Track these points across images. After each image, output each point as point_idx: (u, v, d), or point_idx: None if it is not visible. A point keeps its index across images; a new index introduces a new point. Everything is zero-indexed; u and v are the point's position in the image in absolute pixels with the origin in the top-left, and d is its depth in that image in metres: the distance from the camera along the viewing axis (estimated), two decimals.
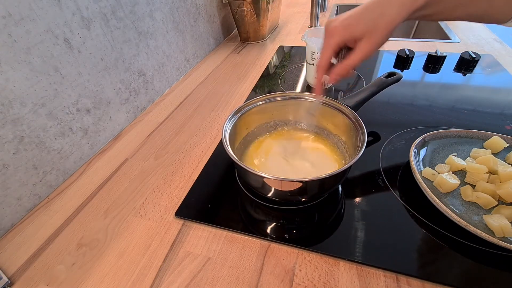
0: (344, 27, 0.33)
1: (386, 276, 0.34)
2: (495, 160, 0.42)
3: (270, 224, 0.41)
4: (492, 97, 0.64)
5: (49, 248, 0.40)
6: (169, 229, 0.41)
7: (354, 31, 0.33)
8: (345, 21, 0.33)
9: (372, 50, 0.33)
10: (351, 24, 0.33)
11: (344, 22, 0.33)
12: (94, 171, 0.52)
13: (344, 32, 0.34)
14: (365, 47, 0.33)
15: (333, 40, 0.34)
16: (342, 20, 0.34)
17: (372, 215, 0.40)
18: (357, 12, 0.33)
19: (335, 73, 0.36)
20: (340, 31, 0.34)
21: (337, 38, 0.34)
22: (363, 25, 0.33)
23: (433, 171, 0.43)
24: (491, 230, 0.35)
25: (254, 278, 0.35)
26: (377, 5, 0.32)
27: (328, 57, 0.36)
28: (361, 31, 0.33)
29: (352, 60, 0.34)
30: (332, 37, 0.34)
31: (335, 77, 0.36)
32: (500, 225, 0.34)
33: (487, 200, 0.38)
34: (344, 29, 0.34)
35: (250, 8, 0.92)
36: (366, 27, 0.32)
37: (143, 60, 0.66)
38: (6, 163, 0.41)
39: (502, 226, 0.34)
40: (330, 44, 0.35)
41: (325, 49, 0.36)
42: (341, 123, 0.46)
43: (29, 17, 0.41)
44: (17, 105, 0.41)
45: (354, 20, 0.33)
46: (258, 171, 0.35)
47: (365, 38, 0.33)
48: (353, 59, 0.34)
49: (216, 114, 0.65)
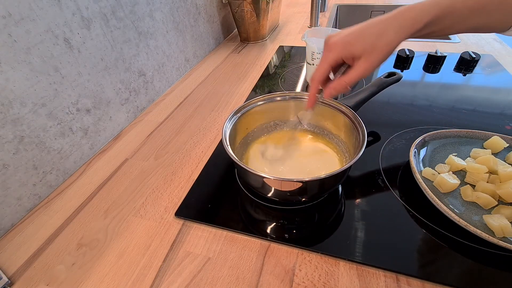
0: (343, 44, 0.34)
1: (386, 276, 0.34)
2: (495, 160, 0.42)
3: (270, 224, 0.41)
4: (492, 97, 0.64)
5: (49, 248, 0.40)
6: (169, 229, 0.41)
7: (353, 49, 0.34)
8: (345, 38, 0.34)
9: (369, 69, 0.34)
10: (350, 42, 0.34)
11: (344, 39, 0.34)
12: (94, 171, 0.52)
13: (342, 49, 0.34)
14: (362, 66, 0.34)
15: (331, 55, 0.35)
16: (342, 37, 0.34)
17: (372, 215, 0.40)
18: (357, 30, 0.34)
19: (331, 87, 0.37)
20: (339, 48, 0.34)
21: (336, 54, 0.35)
22: (361, 44, 0.33)
23: (433, 171, 0.43)
24: (491, 230, 0.35)
25: (254, 278, 0.35)
26: (377, 26, 0.33)
27: (324, 70, 0.36)
28: (360, 50, 0.33)
29: (349, 77, 0.35)
30: (330, 52, 0.35)
31: (330, 91, 0.37)
32: (500, 225, 0.34)
33: (487, 200, 0.38)
34: (343, 46, 0.34)
35: (250, 8, 0.92)
36: (365, 47, 0.33)
37: (143, 60, 0.66)
38: (6, 163, 0.41)
39: (502, 226, 0.34)
40: (328, 59, 0.35)
41: (322, 63, 0.36)
42: (341, 123, 0.46)
43: (29, 17, 0.41)
44: (17, 105, 0.41)
45: (354, 38, 0.33)
46: (258, 171, 0.35)
47: (363, 57, 0.33)
48: (350, 76, 0.35)
49: (216, 114, 0.65)
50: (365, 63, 0.33)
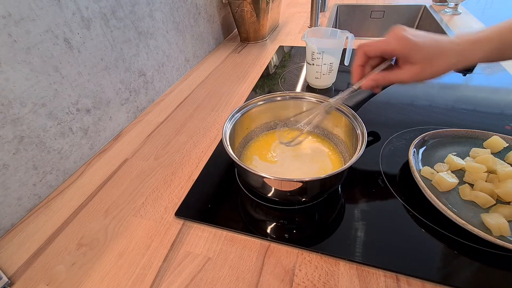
0: (410, 43, 0.33)
1: (386, 276, 0.34)
2: (494, 159, 0.42)
3: (270, 224, 0.41)
4: (492, 97, 0.64)
5: (49, 248, 0.40)
6: (169, 229, 0.41)
7: (415, 53, 0.33)
8: (415, 39, 0.33)
9: (417, 78, 0.33)
10: (418, 45, 0.33)
11: (414, 39, 0.33)
12: (94, 171, 0.52)
13: (406, 46, 0.33)
14: (414, 72, 0.33)
15: (393, 43, 0.34)
16: (414, 36, 0.33)
17: (372, 215, 0.40)
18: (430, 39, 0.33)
19: (373, 79, 0.36)
20: (405, 43, 0.33)
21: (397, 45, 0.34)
22: (426, 52, 0.32)
23: (432, 170, 0.43)
24: (488, 229, 0.35)
25: (254, 278, 0.35)
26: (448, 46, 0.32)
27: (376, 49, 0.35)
28: (420, 57, 0.33)
29: (396, 75, 0.34)
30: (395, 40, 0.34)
31: (370, 83, 0.37)
32: (497, 224, 0.34)
33: (485, 199, 0.38)
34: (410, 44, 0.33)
35: (250, 8, 0.92)
36: (427, 57, 0.32)
37: (143, 60, 0.66)
38: (6, 163, 0.41)
39: (500, 225, 0.34)
40: (386, 43, 0.34)
41: (380, 42, 0.35)
42: (341, 123, 0.46)
43: (29, 17, 0.41)
44: (17, 105, 0.41)
45: (422, 43, 0.33)
46: (258, 171, 0.35)
47: (419, 64, 0.33)
48: (397, 75, 0.34)
49: (216, 114, 0.65)
50: (418, 70, 0.33)
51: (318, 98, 0.48)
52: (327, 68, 0.66)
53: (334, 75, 0.70)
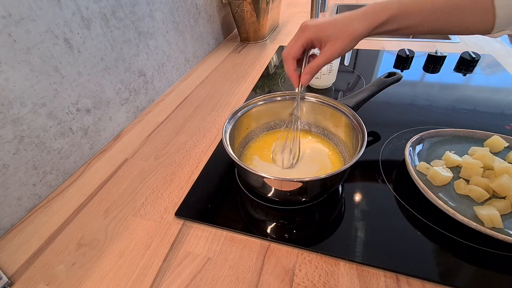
0: (315, 28, 0.38)
1: (386, 276, 0.34)
2: (491, 156, 0.42)
3: (270, 224, 0.41)
4: (492, 97, 0.64)
5: (49, 248, 0.40)
6: (169, 229, 0.41)
7: (322, 34, 0.37)
8: (318, 23, 0.38)
9: (334, 55, 0.37)
10: (322, 27, 0.37)
11: (317, 24, 0.38)
12: (94, 171, 0.52)
13: (314, 32, 0.38)
14: (328, 51, 0.37)
15: (303, 35, 0.38)
16: (316, 22, 0.38)
17: (372, 215, 0.40)
18: (330, 19, 0.38)
19: (304, 73, 0.40)
20: (312, 30, 0.38)
21: (307, 34, 0.38)
22: (330, 30, 0.37)
23: (428, 165, 0.44)
24: (481, 221, 0.35)
25: (254, 278, 0.35)
26: (346, 17, 0.37)
27: (297, 48, 0.39)
28: (328, 35, 0.37)
29: (317, 61, 0.39)
30: (303, 32, 0.38)
31: (304, 77, 0.40)
32: (489, 215, 0.35)
33: (479, 193, 0.38)
34: (315, 29, 0.38)
35: (250, 8, 0.92)
36: (332, 33, 0.37)
37: (143, 60, 0.66)
38: (6, 163, 0.41)
39: (491, 216, 0.34)
40: (300, 38, 0.39)
41: (294, 41, 0.39)
42: (341, 123, 0.46)
43: (29, 17, 0.41)
44: (17, 105, 0.41)
45: (325, 25, 0.37)
46: (258, 171, 0.35)
47: (329, 43, 0.37)
48: (318, 60, 0.39)
49: (216, 114, 0.65)
50: (331, 48, 0.37)
51: (318, 98, 0.49)
52: (327, 68, 0.66)
53: (334, 75, 0.70)
